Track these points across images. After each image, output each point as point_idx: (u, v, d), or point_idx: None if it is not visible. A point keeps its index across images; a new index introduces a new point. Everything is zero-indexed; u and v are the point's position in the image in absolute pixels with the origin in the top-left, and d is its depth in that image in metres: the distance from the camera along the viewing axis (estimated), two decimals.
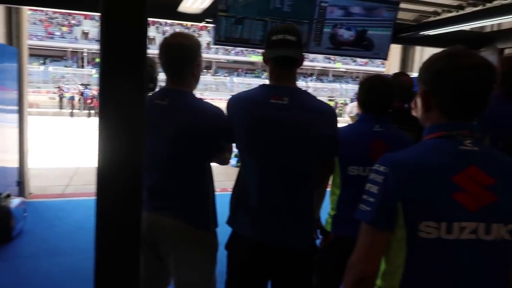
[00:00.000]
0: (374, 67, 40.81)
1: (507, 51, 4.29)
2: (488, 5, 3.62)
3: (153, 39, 40.40)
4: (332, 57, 36.02)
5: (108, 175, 0.55)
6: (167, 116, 1.66)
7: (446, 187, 0.98)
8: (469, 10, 3.76)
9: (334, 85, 45.09)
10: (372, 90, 1.87)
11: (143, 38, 0.53)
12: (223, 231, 1.72)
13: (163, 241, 1.70)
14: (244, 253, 1.62)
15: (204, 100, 1.75)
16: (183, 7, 3.13)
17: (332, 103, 27.70)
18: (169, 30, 38.09)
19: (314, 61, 44.21)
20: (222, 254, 1.72)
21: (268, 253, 1.58)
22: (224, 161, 1.81)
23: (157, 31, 42.39)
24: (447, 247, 0.98)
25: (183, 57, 1.67)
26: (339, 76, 49.24)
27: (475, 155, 1.01)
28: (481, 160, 1.01)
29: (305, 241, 1.61)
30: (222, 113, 1.67)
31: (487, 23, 4.02)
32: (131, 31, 0.53)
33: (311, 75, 47.74)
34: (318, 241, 1.88)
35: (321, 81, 47.11)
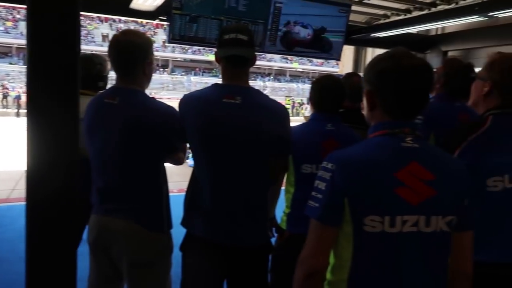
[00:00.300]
0: (329, 67, 41.87)
1: (450, 54, 4.56)
2: (433, 9, 3.83)
3: (107, 36, 39.07)
4: (289, 57, 36.59)
5: (38, 176, 0.52)
6: (118, 115, 1.61)
7: (389, 183, 1.02)
8: (416, 14, 3.96)
9: (291, 85, 45.84)
10: (324, 89, 1.92)
11: (74, 32, 0.50)
12: (179, 232, 1.70)
13: (115, 244, 1.65)
14: (199, 254, 1.61)
15: (157, 99, 1.71)
16: (136, 4, 3.05)
17: (289, 102, 28.15)
18: (123, 27, 36.98)
19: (271, 61, 44.69)
20: (178, 255, 1.70)
21: (223, 252, 1.57)
22: (178, 161, 1.78)
23: (111, 28, 41.02)
24: (391, 240, 1.02)
25: (134, 55, 1.63)
26: (296, 76, 50.08)
27: (416, 151, 1.06)
28: (422, 156, 1.06)
29: (260, 240, 1.62)
30: (175, 112, 1.65)
31: (432, 26, 4.25)
32: (60, 26, 0.50)
33: (269, 75, 48.19)
34: (273, 239, 1.90)
35: (279, 81, 47.70)
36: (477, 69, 1.65)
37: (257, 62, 1.74)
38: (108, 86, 2.46)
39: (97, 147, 1.65)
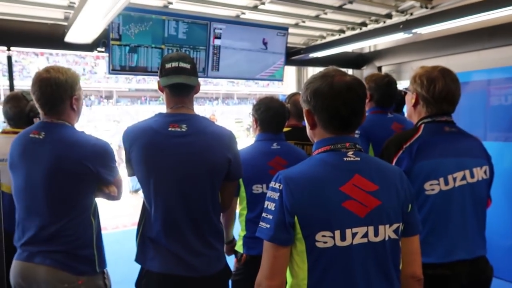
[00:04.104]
0: (275, 88, 42.90)
1: (384, 69, 4.85)
2: (364, 29, 4.10)
3: None
4: (235, 80, 37.06)
5: None
6: (43, 150, 1.56)
7: (337, 197, 1.06)
8: (349, 33, 4.20)
9: (240, 107, 46.28)
10: (265, 111, 1.97)
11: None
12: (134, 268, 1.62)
13: None
14: None
15: (86, 133, 1.66)
16: (71, 37, 2.96)
17: (240, 125, 28.36)
18: (61, 61, 35.79)
19: (218, 85, 44.98)
20: None
21: (182, 284, 1.52)
22: (112, 196, 1.70)
23: (48, 62, 39.41)
24: (343, 254, 1.05)
25: (58, 93, 1.59)
26: (243, 98, 50.70)
27: (358, 164, 1.10)
28: (364, 168, 1.10)
29: (217, 266, 1.59)
30: (105, 145, 1.63)
31: (365, 44, 4.53)
32: None
33: (217, 99, 48.43)
34: (232, 264, 1.88)
35: (227, 104, 48.04)
36: (406, 81, 1.76)
37: (204, 87, 1.76)
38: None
39: (19, 184, 1.59)
